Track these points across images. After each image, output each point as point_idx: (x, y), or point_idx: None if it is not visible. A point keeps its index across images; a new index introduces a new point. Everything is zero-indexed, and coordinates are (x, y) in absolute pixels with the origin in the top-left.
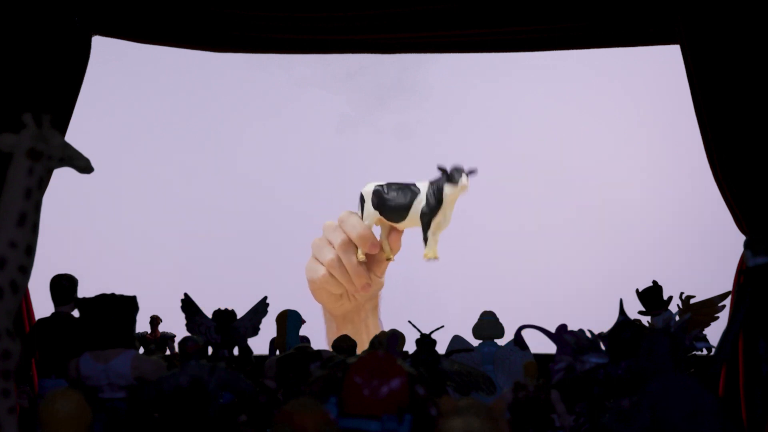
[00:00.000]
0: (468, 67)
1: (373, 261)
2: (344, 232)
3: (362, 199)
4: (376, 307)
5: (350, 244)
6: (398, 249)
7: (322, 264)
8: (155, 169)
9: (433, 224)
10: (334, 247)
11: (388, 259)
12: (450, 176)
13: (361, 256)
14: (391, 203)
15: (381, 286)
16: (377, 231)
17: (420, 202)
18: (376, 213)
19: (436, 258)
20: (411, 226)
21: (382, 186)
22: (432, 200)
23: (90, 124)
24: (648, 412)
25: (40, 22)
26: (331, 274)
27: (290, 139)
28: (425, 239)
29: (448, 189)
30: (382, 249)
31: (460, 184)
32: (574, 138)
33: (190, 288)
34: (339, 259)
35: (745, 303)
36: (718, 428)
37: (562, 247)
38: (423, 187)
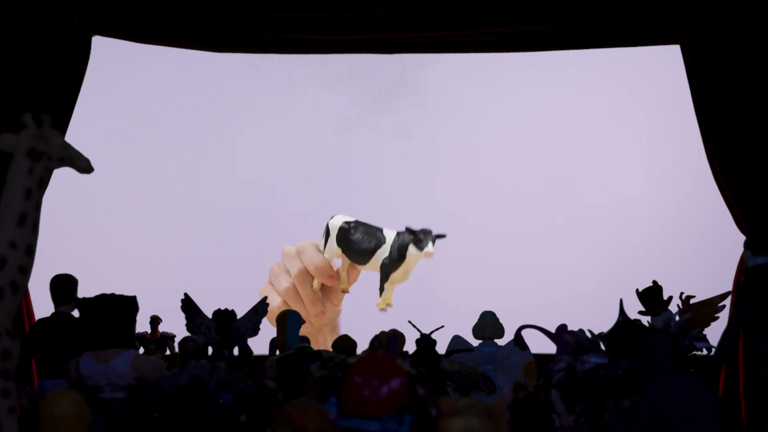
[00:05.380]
0: (468, 67)
1: (330, 290)
2: (301, 262)
3: (327, 232)
4: (334, 329)
5: (307, 274)
6: (355, 281)
7: (277, 291)
8: (155, 169)
9: (391, 277)
10: (290, 275)
11: (344, 291)
12: (417, 239)
13: (317, 285)
14: (354, 246)
15: (338, 313)
16: (338, 260)
17: (383, 252)
18: (339, 249)
19: (389, 306)
20: (371, 270)
21: (349, 223)
22: (395, 255)
23: (90, 124)
24: (648, 412)
25: (40, 22)
26: (285, 303)
27: (290, 139)
28: (381, 289)
29: (412, 250)
30: (339, 279)
31: (425, 251)
32: (574, 138)
33: (190, 288)
34: (294, 288)
35: (745, 303)
36: (718, 428)
37: (562, 247)
38: (390, 236)
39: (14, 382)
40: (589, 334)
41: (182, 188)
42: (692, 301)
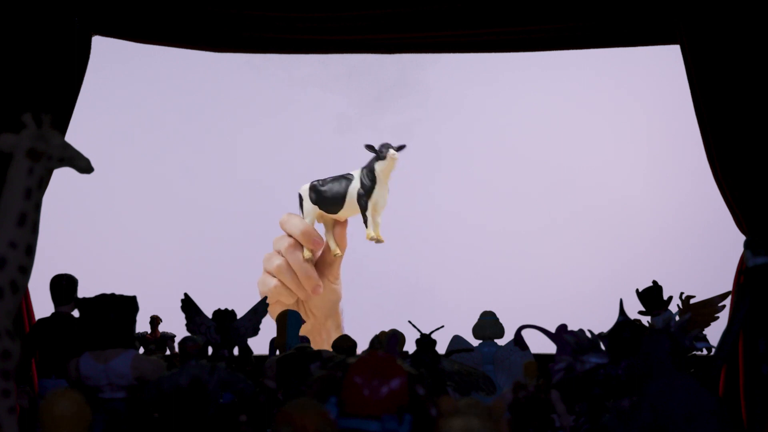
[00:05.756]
0: (468, 67)
1: (324, 264)
2: (287, 234)
3: (300, 198)
4: (339, 327)
5: (296, 245)
6: (344, 245)
7: (272, 274)
8: (155, 169)
9: (370, 205)
10: (282, 254)
11: (335, 255)
12: (378, 153)
13: (308, 254)
14: (327, 194)
15: (338, 297)
16: (322, 230)
17: (355, 187)
18: (316, 208)
19: (379, 240)
20: (351, 214)
21: (317, 181)
22: (366, 181)
23: (90, 124)
24: (648, 412)
25: (40, 22)
26: (282, 283)
27: (290, 139)
28: (365, 221)
29: (378, 166)
30: (329, 248)
31: (388, 157)
32: (574, 138)
33: (190, 288)
34: (287, 264)
35: (745, 303)
36: (718, 428)
37: (562, 247)
38: (356, 173)
39: (14, 382)
40: (589, 334)
41: (182, 188)
42: (692, 301)
